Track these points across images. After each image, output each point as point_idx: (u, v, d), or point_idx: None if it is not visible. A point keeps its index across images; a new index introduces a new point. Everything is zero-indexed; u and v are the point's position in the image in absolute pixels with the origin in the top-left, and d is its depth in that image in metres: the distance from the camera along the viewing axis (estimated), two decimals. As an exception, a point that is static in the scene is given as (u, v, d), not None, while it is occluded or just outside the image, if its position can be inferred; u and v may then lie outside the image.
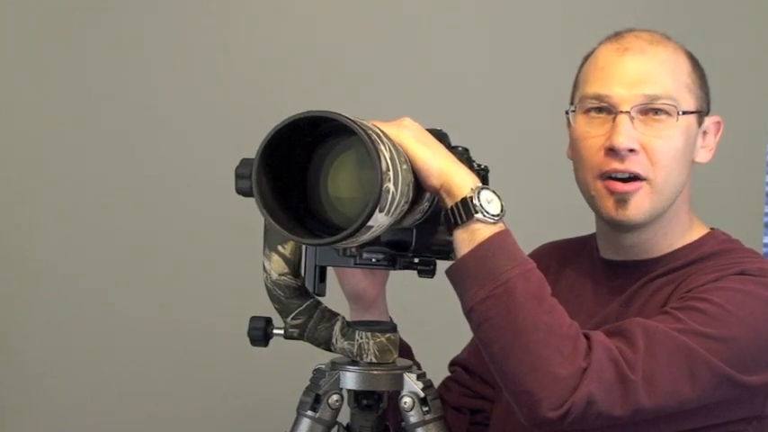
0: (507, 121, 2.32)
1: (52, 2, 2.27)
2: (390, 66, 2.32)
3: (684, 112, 1.35)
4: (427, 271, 1.29)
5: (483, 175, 1.30)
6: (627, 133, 1.32)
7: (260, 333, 1.28)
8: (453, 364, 1.58)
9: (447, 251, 1.26)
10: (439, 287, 1.46)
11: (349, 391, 1.26)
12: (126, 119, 2.27)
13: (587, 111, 1.37)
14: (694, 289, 1.28)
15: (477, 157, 1.31)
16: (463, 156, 1.28)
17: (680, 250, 1.39)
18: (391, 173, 1.02)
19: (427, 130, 1.26)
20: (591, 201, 1.39)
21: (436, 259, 1.28)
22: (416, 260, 1.29)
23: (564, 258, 1.53)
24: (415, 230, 1.25)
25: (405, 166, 1.06)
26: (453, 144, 1.28)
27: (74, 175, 2.26)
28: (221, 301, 2.23)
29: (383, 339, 1.25)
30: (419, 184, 1.15)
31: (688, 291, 1.29)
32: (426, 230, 1.26)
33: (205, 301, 2.26)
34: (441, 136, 1.27)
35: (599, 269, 1.45)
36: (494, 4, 2.38)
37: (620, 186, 1.34)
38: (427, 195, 1.18)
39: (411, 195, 1.10)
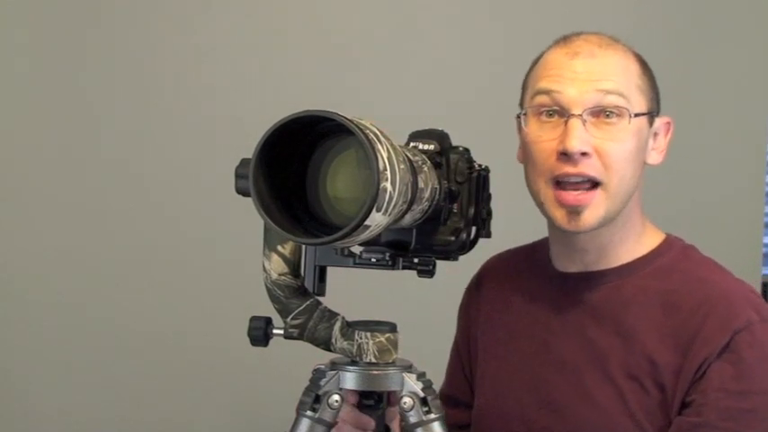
0: (508, 121, 2.31)
1: (51, 2, 2.26)
2: (390, 66, 2.33)
3: (636, 115, 1.34)
4: (427, 271, 1.28)
5: (483, 175, 1.30)
6: (579, 136, 1.31)
7: (260, 333, 1.28)
8: (442, 400, 1.60)
9: (447, 251, 1.26)
10: (439, 287, 1.47)
11: (349, 391, 1.26)
12: (126, 119, 2.27)
13: (539, 114, 1.36)
14: (712, 371, 1.28)
15: (478, 157, 1.31)
16: (463, 156, 1.28)
17: (638, 261, 1.40)
18: (388, 172, 1.01)
19: (428, 130, 1.27)
20: (541, 207, 1.38)
21: (436, 259, 1.28)
22: (416, 260, 1.28)
23: (515, 271, 1.53)
24: (415, 230, 1.25)
25: (403, 166, 1.06)
26: (454, 144, 1.28)
27: (73, 176, 2.26)
28: (221, 301, 2.23)
29: (383, 339, 1.25)
30: (418, 184, 1.14)
31: (701, 371, 1.29)
32: (426, 230, 1.25)
33: (205, 300, 2.26)
34: (441, 136, 1.27)
35: (556, 283, 1.44)
36: (495, 3, 2.38)
37: (571, 198, 1.33)
38: (427, 195, 1.18)
39: (410, 195, 1.09)
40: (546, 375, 1.41)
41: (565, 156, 1.32)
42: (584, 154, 1.31)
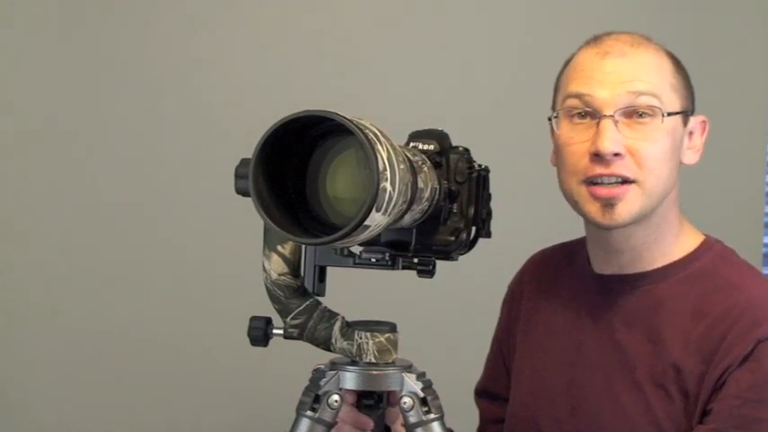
0: (508, 120, 2.32)
1: (52, 3, 2.26)
2: (390, 65, 2.32)
3: (669, 114, 1.32)
4: (427, 271, 1.28)
5: (483, 175, 1.30)
6: (611, 137, 1.29)
7: (260, 333, 1.28)
8: (479, 395, 1.61)
9: (447, 251, 1.26)
10: (439, 287, 1.47)
11: (348, 390, 1.26)
12: (126, 118, 2.27)
13: (571, 116, 1.34)
14: (732, 378, 1.27)
15: (478, 157, 1.31)
16: (463, 156, 1.28)
17: (675, 265, 1.38)
18: (388, 172, 1.01)
19: (427, 130, 1.27)
20: (575, 205, 1.36)
21: (436, 259, 1.28)
22: (416, 260, 1.28)
23: (555, 269, 1.52)
24: (414, 230, 1.25)
25: (402, 166, 1.06)
26: (453, 144, 1.28)
27: (73, 175, 2.26)
28: (221, 301, 2.23)
29: (382, 339, 1.25)
30: (418, 184, 1.14)
31: (722, 379, 1.28)
32: (426, 230, 1.25)
33: (205, 300, 2.26)
34: (441, 136, 1.27)
35: (592, 284, 1.43)
36: (496, 3, 2.38)
37: (605, 191, 1.31)
38: (427, 195, 1.18)
39: (409, 195, 1.09)
40: (577, 377, 1.40)
41: (597, 157, 1.30)
42: (616, 155, 1.29)
